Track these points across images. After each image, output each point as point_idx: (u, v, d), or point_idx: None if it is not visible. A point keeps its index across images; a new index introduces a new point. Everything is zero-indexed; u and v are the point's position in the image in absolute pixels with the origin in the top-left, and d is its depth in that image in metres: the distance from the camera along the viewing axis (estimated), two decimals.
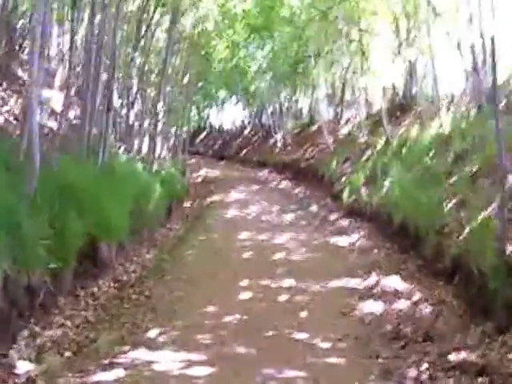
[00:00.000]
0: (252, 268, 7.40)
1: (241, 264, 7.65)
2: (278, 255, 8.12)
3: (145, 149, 14.49)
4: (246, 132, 37.64)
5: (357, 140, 17.06)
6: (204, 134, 46.87)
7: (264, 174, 24.09)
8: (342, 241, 9.51)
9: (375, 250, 8.82)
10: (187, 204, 15.55)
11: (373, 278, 6.86)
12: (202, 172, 25.73)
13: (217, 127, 45.00)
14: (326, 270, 7.27)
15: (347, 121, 21.09)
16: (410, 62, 16.29)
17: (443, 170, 9.09)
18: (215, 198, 16.22)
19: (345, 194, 13.25)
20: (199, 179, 23.08)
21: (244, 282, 6.64)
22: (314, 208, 13.70)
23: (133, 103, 12.60)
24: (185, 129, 21.31)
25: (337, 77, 21.84)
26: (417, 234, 8.00)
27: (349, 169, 15.50)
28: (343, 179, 15.07)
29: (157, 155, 14.69)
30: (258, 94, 29.63)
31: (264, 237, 9.58)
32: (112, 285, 7.10)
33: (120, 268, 7.76)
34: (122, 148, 11.95)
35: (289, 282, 6.62)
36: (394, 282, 6.78)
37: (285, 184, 19.94)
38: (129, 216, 8.54)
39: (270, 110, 30.49)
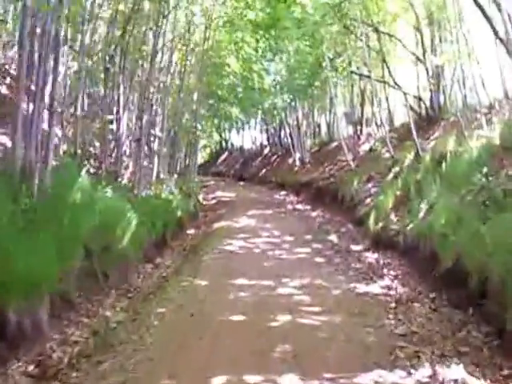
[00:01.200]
0: (238, 347, 4.53)
1: (223, 338, 4.79)
2: (281, 318, 5.25)
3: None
4: (265, 151, 35.14)
5: (381, 156, 14.25)
6: (225, 154, 44.45)
7: (281, 196, 21.30)
8: (371, 288, 6.65)
9: (416, 304, 5.97)
10: (191, 231, 12.84)
11: (425, 370, 4.01)
12: (218, 194, 23.05)
13: (238, 147, 42.34)
14: (350, 352, 4.41)
15: (368, 136, 18.32)
16: (436, 68, 13.55)
17: (508, 190, 6.26)
18: (223, 223, 13.45)
19: (370, 220, 10.46)
20: (213, 201, 20.39)
21: (219, 380, 3.84)
22: (333, 237, 10.88)
23: (118, 119, 9.93)
24: (194, 149, 18.53)
25: (355, 89, 19.03)
26: (482, 284, 5.17)
27: (373, 189, 12.73)
28: (367, 201, 12.32)
29: (154, 177, 12.06)
30: (274, 111, 26.90)
31: (268, 284, 6.71)
32: (29, 370, 4.45)
33: (56, 338, 5.07)
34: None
35: (290, 379, 3.80)
36: (458, 374, 3.94)
37: (301, 207, 17.11)
38: (83, 257, 5.97)
39: (288, 129, 27.88)
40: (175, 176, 17.81)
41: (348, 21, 13.41)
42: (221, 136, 45.49)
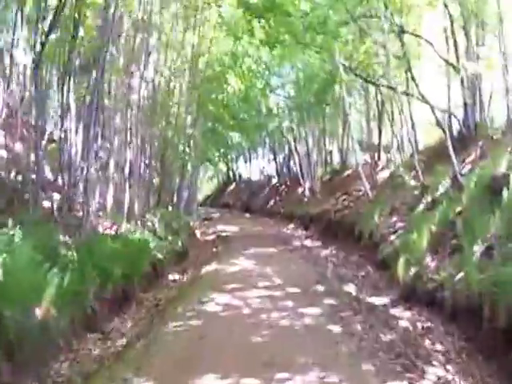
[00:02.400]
0: None
1: None
2: None
3: (110, 202, 9.52)
4: (273, 181, 32.92)
5: (405, 183, 11.70)
6: (233, 185, 42.30)
7: (288, 229, 18.83)
8: None
9: None
10: (174, 276, 10.30)
11: None
12: (220, 227, 20.58)
13: (245, 178, 40.12)
14: None
15: (388, 161, 15.82)
16: (472, 76, 11.06)
17: None
18: (215, 267, 10.86)
19: (399, 264, 7.85)
20: (212, 237, 17.87)
21: None
22: (351, 287, 8.30)
23: (66, 135, 7.49)
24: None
25: (372, 110, 16.60)
26: None
27: (398, 223, 10.24)
28: (391, 238, 9.78)
29: (125, 212, 9.61)
30: (281, 136, 24.49)
31: None
32: None
33: None
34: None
35: None
36: None
37: (311, 243, 14.55)
38: None
39: (297, 158, 25.57)
40: (169, 209, 15.47)
41: (363, 19, 10.99)
42: (228, 166, 43.40)
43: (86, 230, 7.17)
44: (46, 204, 7.64)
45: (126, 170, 9.59)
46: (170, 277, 10.27)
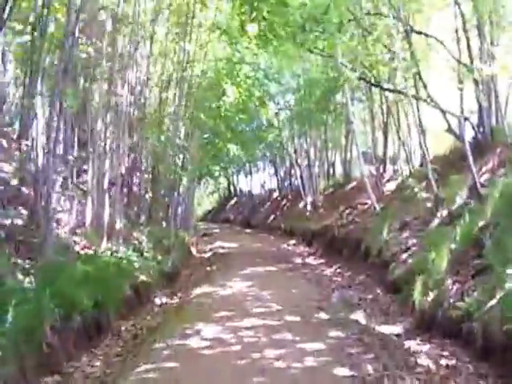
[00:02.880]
0: None
1: None
2: None
3: (89, 219, 8.52)
4: (274, 196, 31.97)
5: (416, 195, 10.70)
6: (234, 200, 41.38)
7: (289, 246, 17.82)
8: None
9: None
10: (163, 299, 9.28)
11: None
12: (218, 244, 19.58)
13: (246, 192, 39.16)
14: None
15: (395, 172, 14.84)
16: (486, 77, 10.12)
17: None
18: (207, 289, 9.78)
19: (415, 288, 6.81)
20: (209, 254, 16.89)
21: None
22: (358, 315, 7.24)
23: (32, 140, 6.52)
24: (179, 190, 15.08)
25: (377, 119, 15.66)
26: None
27: (411, 240, 9.18)
28: (403, 257, 8.75)
29: (105, 228, 8.60)
30: (280, 147, 23.48)
31: None
32: None
33: None
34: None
35: None
36: None
37: (313, 261, 13.53)
38: None
39: (298, 170, 24.61)
40: (163, 225, 14.49)
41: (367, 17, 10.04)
42: (228, 181, 42.53)
43: (49, 251, 6.15)
44: (9, 220, 6.66)
45: (106, 184, 8.58)
46: (157, 300, 9.23)
